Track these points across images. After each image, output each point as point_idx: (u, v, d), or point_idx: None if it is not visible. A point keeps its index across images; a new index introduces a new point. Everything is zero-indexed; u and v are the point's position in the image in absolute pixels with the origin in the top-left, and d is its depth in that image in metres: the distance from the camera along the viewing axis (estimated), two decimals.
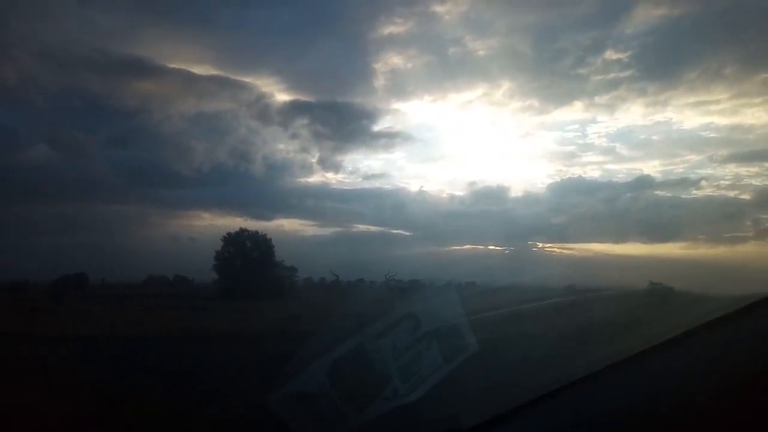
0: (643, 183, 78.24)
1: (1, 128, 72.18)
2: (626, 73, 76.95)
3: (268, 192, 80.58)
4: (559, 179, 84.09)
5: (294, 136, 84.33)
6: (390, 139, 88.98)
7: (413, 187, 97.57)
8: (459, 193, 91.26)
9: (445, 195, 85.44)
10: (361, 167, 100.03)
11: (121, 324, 19.72)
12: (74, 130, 76.02)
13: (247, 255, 46.44)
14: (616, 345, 2.03)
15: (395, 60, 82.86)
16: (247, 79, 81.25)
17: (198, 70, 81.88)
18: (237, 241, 47.31)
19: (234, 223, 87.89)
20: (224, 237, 47.44)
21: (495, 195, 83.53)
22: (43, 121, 75.21)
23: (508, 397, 2.10)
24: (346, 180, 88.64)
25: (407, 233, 75.31)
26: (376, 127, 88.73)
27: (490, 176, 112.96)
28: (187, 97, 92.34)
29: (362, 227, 78.27)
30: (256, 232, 48.44)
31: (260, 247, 47.58)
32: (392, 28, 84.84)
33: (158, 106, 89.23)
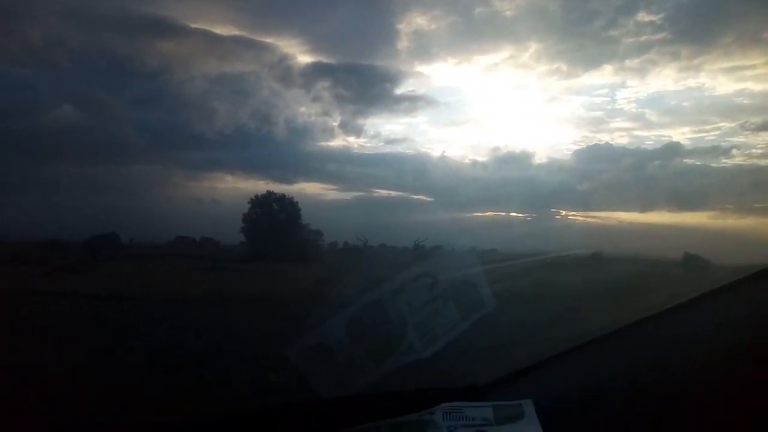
0: (672, 151, 74.48)
1: (26, 88, 73.06)
2: (659, 36, 70.80)
3: (290, 155, 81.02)
4: (585, 146, 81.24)
5: (316, 99, 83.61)
6: (413, 102, 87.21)
7: (435, 152, 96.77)
8: (482, 158, 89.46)
9: (467, 160, 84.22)
10: (383, 131, 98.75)
11: (156, 284, 20.33)
12: (98, 91, 76.87)
13: (274, 218, 47.19)
14: (640, 308, 2.05)
15: (419, 21, 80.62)
16: (270, 40, 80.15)
17: (220, 30, 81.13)
18: (264, 203, 48.06)
19: (257, 186, 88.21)
20: (252, 199, 48.24)
21: (519, 161, 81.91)
22: (68, 81, 76.01)
23: (526, 353, 2.16)
24: (368, 144, 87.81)
25: (429, 198, 74.68)
26: (399, 91, 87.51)
27: (514, 142, 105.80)
28: (209, 57, 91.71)
29: (383, 192, 77.62)
30: (283, 195, 49.11)
31: (287, 209, 48.26)
32: None
33: (181, 67, 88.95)
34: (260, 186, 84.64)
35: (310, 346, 2.15)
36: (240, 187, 76.90)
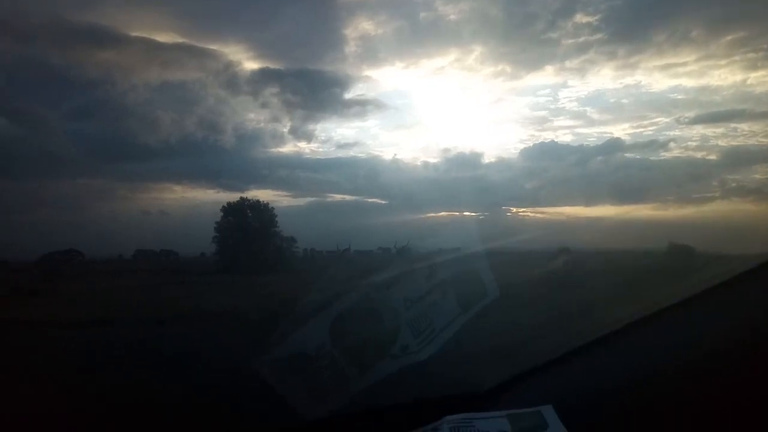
0: (614, 146, 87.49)
1: None
2: (596, 37, 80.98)
3: (240, 163, 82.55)
4: (531, 144, 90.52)
5: (264, 105, 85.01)
6: (362, 106, 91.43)
7: (387, 155, 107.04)
8: (433, 159, 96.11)
9: (419, 162, 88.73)
10: (334, 136, 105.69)
11: (134, 305, 19.17)
12: (34, 103, 76.09)
13: (249, 225, 46.56)
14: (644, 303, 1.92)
15: (366, 26, 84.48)
16: (214, 47, 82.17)
17: (162, 38, 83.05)
18: (237, 210, 47.40)
19: (206, 195, 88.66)
20: (224, 207, 47.76)
21: (469, 161, 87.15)
22: (2, 94, 74.72)
23: (528, 354, 1.95)
24: (320, 149, 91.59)
25: (383, 201, 77.86)
26: (348, 95, 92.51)
27: (463, 142, 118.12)
28: (151, 66, 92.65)
29: (337, 197, 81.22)
30: (258, 201, 48.71)
31: (262, 216, 47.72)
32: None
33: (122, 76, 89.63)
34: (210, 195, 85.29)
35: (286, 356, 1.86)
36: (188, 197, 78.38)
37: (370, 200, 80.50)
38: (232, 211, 47.36)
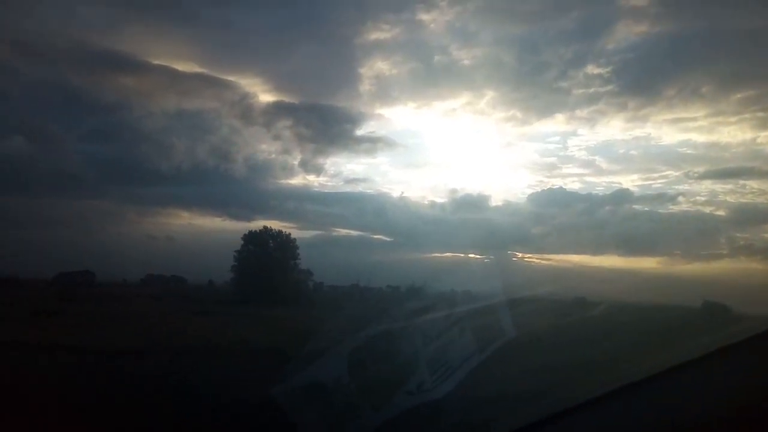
0: (622, 196, 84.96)
1: None
2: (607, 88, 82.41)
3: (249, 192, 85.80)
4: (539, 190, 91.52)
5: (276, 138, 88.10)
6: (373, 143, 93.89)
7: (395, 192, 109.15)
8: (440, 200, 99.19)
9: (426, 201, 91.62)
10: (344, 171, 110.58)
11: (153, 334, 18.33)
12: (52, 123, 79.64)
13: (270, 256, 46.44)
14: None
15: (380, 65, 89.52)
16: (231, 78, 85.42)
17: (181, 67, 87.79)
18: (259, 240, 47.43)
19: (213, 223, 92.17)
20: (245, 235, 47.77)
21: (476, 203, 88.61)
22: (21, 113, 79.32)
23: (546, 401, 1.97)
24: (328, 183, 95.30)
25: (388, 238, 79.37)
26: (360, 132, 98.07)
27: (471, 184, 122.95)
28: (169, 93, 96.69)
29: (343, 231, 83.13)
30: (280, 231, 48.75)
31: (283, 247, 47.64)
32: (378, 33, 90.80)
33: (139, 102, 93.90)
34: (217, 223, 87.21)
35: (302, 386, 1.94)
36: (195, 223, 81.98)
37: (375, 236, 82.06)
38: (254, 239, 47.39)
